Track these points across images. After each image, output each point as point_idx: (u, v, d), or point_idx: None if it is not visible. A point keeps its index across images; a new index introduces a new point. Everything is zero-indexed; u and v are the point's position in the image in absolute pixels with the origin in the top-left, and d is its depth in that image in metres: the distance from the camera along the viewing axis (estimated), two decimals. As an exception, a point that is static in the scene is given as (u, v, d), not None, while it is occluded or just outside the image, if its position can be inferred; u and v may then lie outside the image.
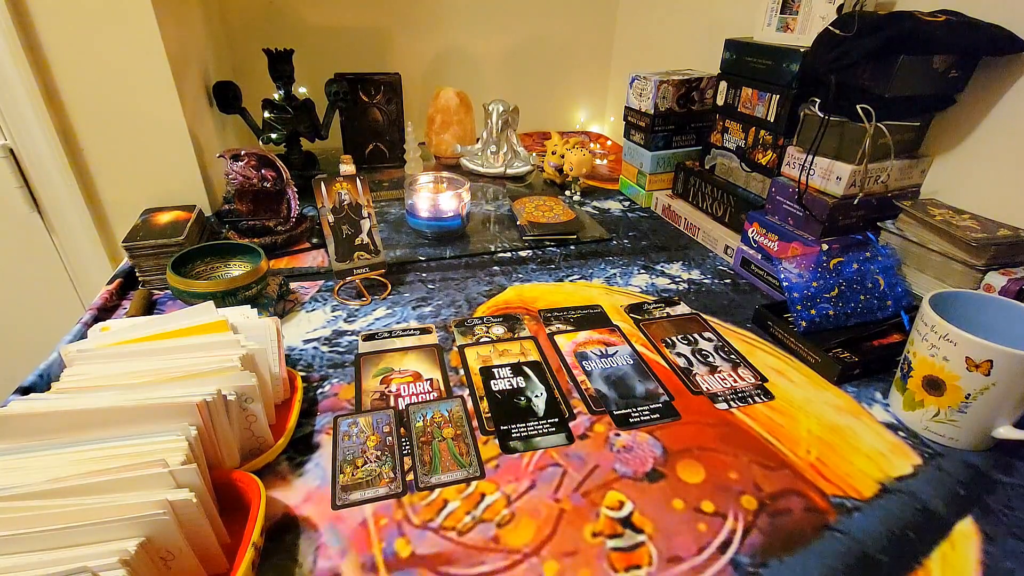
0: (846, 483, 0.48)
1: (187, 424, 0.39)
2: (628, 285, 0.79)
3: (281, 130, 1.03)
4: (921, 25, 0.62)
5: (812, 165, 0.72)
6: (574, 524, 0.44)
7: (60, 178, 0.82)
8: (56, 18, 0.74)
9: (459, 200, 0.88)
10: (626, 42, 1.48)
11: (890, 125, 0.67)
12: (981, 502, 0.47)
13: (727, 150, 0.91)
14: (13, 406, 0.38)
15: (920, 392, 0.52)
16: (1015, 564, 0.42)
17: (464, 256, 0.86)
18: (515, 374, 0.60)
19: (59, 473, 0.35)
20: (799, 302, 0.65)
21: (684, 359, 0.63)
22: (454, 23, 1.37)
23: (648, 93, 0.99)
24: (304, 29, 1.27)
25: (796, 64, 0.74)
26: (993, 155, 0.69)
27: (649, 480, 0.48)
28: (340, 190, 0.71)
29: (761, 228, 0.78)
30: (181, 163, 0.87)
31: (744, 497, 0.46)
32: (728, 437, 0.52)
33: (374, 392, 0.57)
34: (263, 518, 0.39)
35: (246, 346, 0.47)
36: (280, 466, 0.48)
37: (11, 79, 0.74)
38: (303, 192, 0.92)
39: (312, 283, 0.77)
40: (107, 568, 0.31)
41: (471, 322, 0.69)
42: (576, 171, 1.08)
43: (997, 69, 0.67)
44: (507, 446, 0.51)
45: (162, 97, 0.81)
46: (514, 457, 0.50)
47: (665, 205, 1.02)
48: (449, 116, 1.21)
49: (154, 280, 0.73)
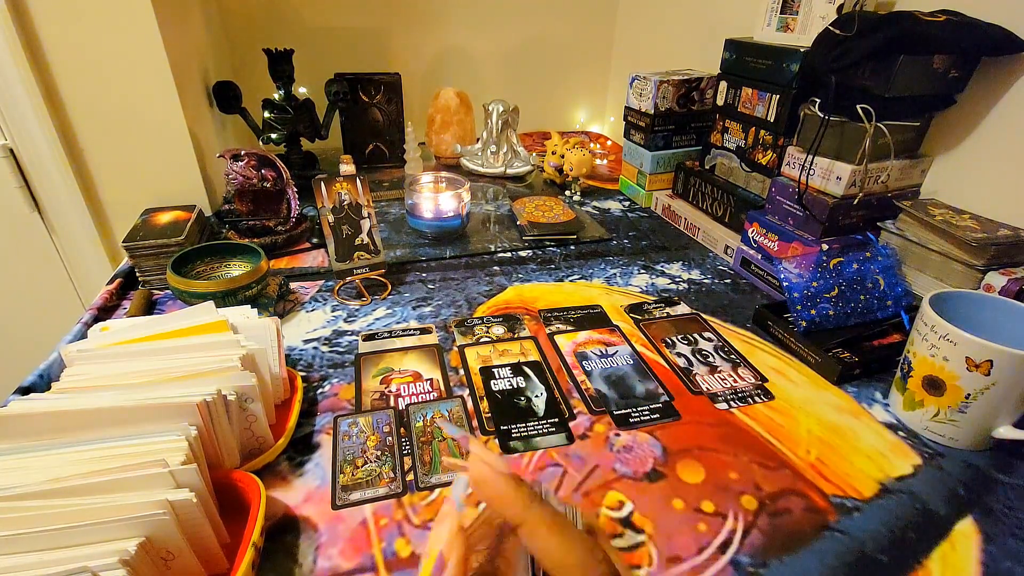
0: (846, 483, 0.48)
1: (187, 424, 0.39)
2: (628, 285, 0.79)
3: (281, 130, 1.03)
4: (921, 25, 0.62)
5: (812, 165, 0.72)
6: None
7: (60, 178, 0.82)
8: (56, 18, 0.74)
9: (459, 200, 0.88)
10: (626, 42, 1.48)
11: (890, 125, 0.67)
12: (981, 502, 0.47)
13: (727, 150, 0.91)
14: (13, 406, 0.38)
15: (920, 392, 0.52)
16: (1015, 564, 0.42)
17: (464, 256, 0.86)
18: (515, 374, 0.60)
19: (59, 473, 0.35)
20: (799, 302, 0.65)
21: (684, 359, 0.63)
22: (454, 23, 1.37)
23: (648, 93, 0.99)
24: (304, 29, 1.27)
25: (796, 64, 0.74)
26: (993, 155, 0.69)
27: (649, 480, 0.48)
28: (340, 190, 0.71)
29: (761, 228, 0.78)
30: (181, 163, 0.87)
31: (744, 497, 0.46)
32: (728, 437, 0.52)
33: (374, 392, 0.57)
34: (263, 518, 0.39)
35: (246, 346, 0.47)
36: (280, 466, 0.48)
37: (11, 79, 0.74)
38: (303, 192, 0.92)
39: (312, 283, 0.77)
40: (107, 568, 0.31)
41: (471, 322, 0.69)
42: (576, 171, 1.08)
43: (997, 69, 0.67)
44: (507, 446, 0.51)
45: (162, 97, 0.81)
46: (514, 457, 0.50)
47: (665, 205, 1.02)
48: (449, 116, 1.21)
49: (154, 280, 0.73)
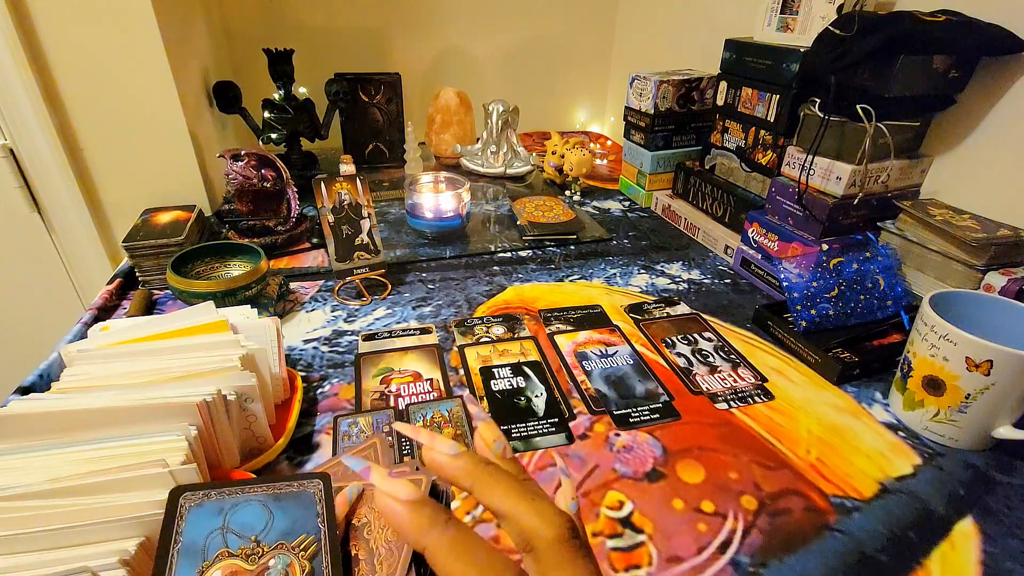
0: (846, 483, 0.48)
1: (187, 424, 0.39)
2: (628, 285, 0.79)
3: (281, 130, 1.03)
4: (921, 25, 0.62)
5: (812, 165, 0.72)
6: (574, 524, 0.44)
7: (60, 178, 0.82)
8: (56, 18, 0.74)
9: (459, 200, 0.88)
10: (626, 42, 1.48)
11: (890, 125, 0.67)
12: (981, 502, 0.47)
13: (727, 150, 0.91)
14: (13, 406, 0.38)
15: (920, 392, 0.52)
16: (1015, 564, 0.42)
17: (464, 256, 0.86)
18: (515, 374, 0.60)
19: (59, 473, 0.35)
20: (799, 302, 0.65)
21: (684, 359, 0.63)
22: (454, 23, 1.37)
23: (648, 93, 0.99)
24: (304, 29, 1.27)
25: (796, 64, 0.74)
26: (993, 155, 0.69)
27: (649, 480, 0.48)
28: (340, 190, 0.71)
29: (761, 228, 0.78)
30: (181, 163, 0.87)
31: (744, 497, 0.46)
32: (728, 437, 0.52)
33: (374, 392, 0.57)
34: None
35: (246, 346, 0.47)
36: (280, 466, 0.48)
37: (11, 79, 0.74)
38: (303, 192, 0.92)
39: (312, 283, 0.77)
40: (107, 568, 0.31)
41: (471, 322, 0.69)
42: (576, 171, 1.08)
43: (997, 69, 0.67)
44: (507, 446, 0.51)
45: (162, 97, 0.81)
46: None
47: (665, 205, 1.02)
48: (449, 116, 1.21)
49: (154, 280, 0.73)
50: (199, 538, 0.31)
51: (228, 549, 0.31)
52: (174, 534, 0.31)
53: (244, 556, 0.31)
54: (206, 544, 0.31)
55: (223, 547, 0.31)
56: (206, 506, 0.33)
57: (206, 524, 0.32)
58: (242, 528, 0.32)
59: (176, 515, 0.32)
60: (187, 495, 0.33)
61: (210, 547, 0.31)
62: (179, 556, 0.30)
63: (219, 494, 0.33)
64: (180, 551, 0.31)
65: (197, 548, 0.31)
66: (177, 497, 0.33)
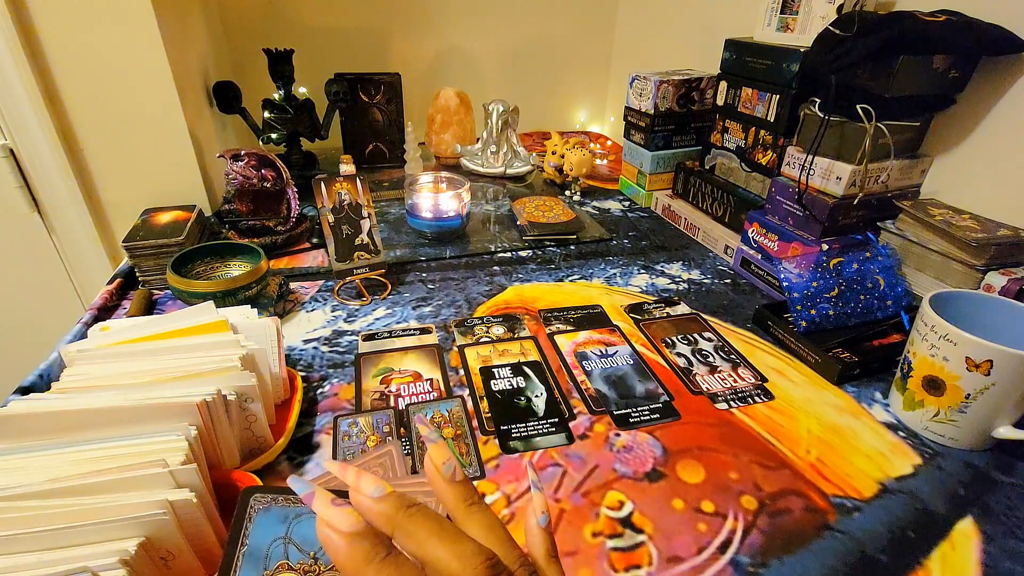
0: (846, 483, 0.48)
1: (187, 424, 0.39)
2: (628, 285, 0.79)
3: (281, 130, 1.03)
4: (921, 25, 0.62)
5: (812, 165, 0.72)
6: (574, 524, 0.44)
7: (60, 178, 0.82)
8: (56, 18, 0.74)
9: (459, 200, 0.88)
10: (626, 42, 1.48)
11: (890, 125, 0.67)
12: (981, 502, 0.47)
13: (727, 150, 0.91)
14: (13, 406, 0.38)
15: (920, 392, 0.52)
16: (1015, 564, 0.42)
17: (464, 256, 0.86)
18: (515, 374, 0.60)
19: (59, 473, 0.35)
20: (799, 302, 0.65)
21: (684, 359, 0.63)
22: (454, 23, 1.37)
23: (648, 93, 0.99)
24: (304, 29, 1.27)
25: (796, 64, 0.74)
26: (993, 155, 0.69)
27: (649, 480, 0.48)
28: (340, 190, 0.71)
29: (761, 228, 0.78)
30: (181, 163, 0.87)
31: (744, 497, 0.46)
32: (728, 437, 0.52)
33: (374, 392, 0.57)
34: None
35: (246, 346, 0.47)
36: (280, 466, 0.48)
37: (11, 79, 0.74)
38: (303, 192, 0.92)
39: (312, 283, 0.77)
40: (107, 568, 0.31)
41: (471, 322, 0.69)
42: (576, 171, 1.08)
43: (997, 69, 0.67)
44: (507, 446, 0.51)
45: (162, 97, 0.81)
46: (514, 457, 0.50)
47: (665, 205, 1.02)
48: (449, 116, 1.21)
49: (154, 280, 0.73)
50: (263, 544, 0.31)
51: (288, 561, 0.31)
52: (241, 536, 0.31)
53: (302, 572, 0.31)
54: (268, 552, 0.31)
55: (284, 558, 0.31)
56: (273, 511, 0.33)
57: (271, 530, 0.32)
58: (303, 541, 0.32)
59: (246, 516, 0.32)
60: (257, 496, 0.33)
61: (272, 556, 0.31)
62: (244, 560, 0.30)
63: (286, 500, 0.33)
64: (245, 555, 0.31)
65: (260, 555, 0.31)
66: (248, 498, 0.33)
